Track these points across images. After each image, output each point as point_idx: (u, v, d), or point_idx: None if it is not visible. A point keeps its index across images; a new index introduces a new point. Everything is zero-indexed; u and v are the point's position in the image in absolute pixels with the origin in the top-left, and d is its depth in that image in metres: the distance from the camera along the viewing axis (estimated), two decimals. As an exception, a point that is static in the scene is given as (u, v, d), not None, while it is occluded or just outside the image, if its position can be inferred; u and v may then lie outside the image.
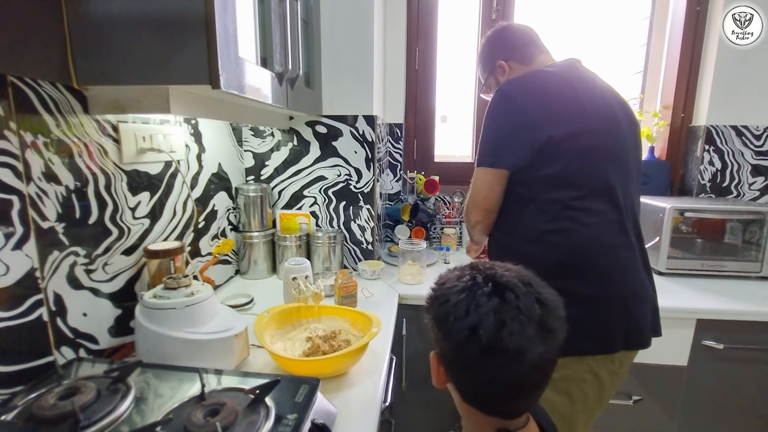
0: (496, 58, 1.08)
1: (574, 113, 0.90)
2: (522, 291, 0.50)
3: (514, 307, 0.48)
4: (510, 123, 0.91)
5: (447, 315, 0.51)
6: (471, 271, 0.55)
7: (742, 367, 1.26)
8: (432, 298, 0.56)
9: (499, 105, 0.93)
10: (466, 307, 0.50)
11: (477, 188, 0.96)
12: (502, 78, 1.07)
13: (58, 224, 0.71)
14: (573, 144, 0.88)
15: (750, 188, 1.67)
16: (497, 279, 0.52)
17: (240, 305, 1.10)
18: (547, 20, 1.80)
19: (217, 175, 1.25)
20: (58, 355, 0.71)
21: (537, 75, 0.95)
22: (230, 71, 0.69)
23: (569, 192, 0.88)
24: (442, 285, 0.56)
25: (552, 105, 0.90)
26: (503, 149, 0.92)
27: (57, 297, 0.71)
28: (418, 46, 1.76)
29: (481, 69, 1.14)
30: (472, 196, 0.98)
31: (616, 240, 0.91)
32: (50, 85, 0.69)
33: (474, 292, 0.51)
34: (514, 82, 0.94)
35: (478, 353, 0.48)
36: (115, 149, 0.84)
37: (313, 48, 1.27)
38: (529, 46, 1.06)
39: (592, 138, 0.89)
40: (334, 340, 0.84)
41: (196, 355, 0.74)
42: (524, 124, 0.89)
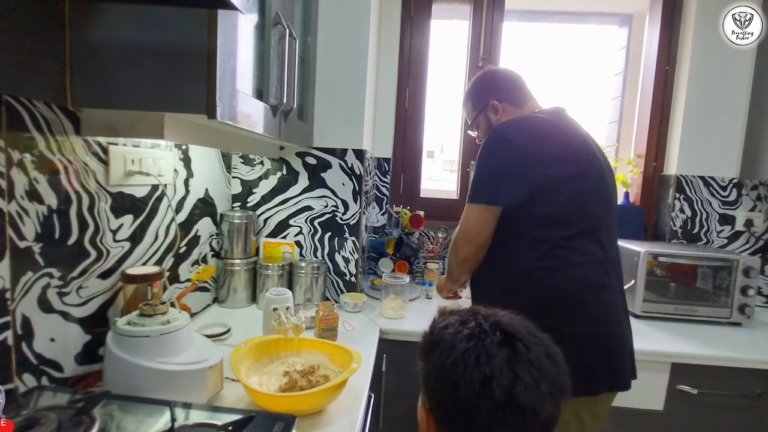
0: (489, 97, 1.11)
1: (568, 157, 0.94)
2: (531, 342, 0.47)
3: (526, 360, 0.45)
4: (508, 162, 0.93)
5: (455, 364, 0.46)
6: (474, 316, 0.51)
7: (717, 412, 1.27)
8: (431, 344, 0.51)
9: (496, 144, 0.96)
10: (476, 356, 0.45)
11: (470, 224, 0.96)
12: (494, 117, 1.10)
13: (36, 244, 0.69)
14: (566, 186, 0.91)
15: (718, 236, 1.75)
16: (505, 327, 0.48)
17: (216, 335, 1.06)
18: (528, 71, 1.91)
19: (203, 200, 1.24)
20: (19, 382, 0.67)
21: (532, 119, 0.99)
22: (226, 102, 0.71)
23: (559, 231, 0.91)
24: (443, 329, 0.51)
25: (548, 148, 0.94)
26: (500, 187, 0.94)
27: (25, 320, 0.68)
28: (409, 86, 1.84)
29: (471, 106, 1.16)
30: (464, 232, 0.98)
31: (602, 281, 0.94)
32: (44, 106, 0.69)
33: (483, 340, 0.47)
34: (510, 125, 0.97)
35: (489, 409, 0.43)
36: (103, 171, 0.83)
37: (308, 83, 1.32)
38: (521, 90, 1.11)
39: (582, 182, 0.93)
40: (312, 375, 0.82)
41: (168, 386, 0.71)
42: (522, 163, 0.92)
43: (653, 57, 1.84)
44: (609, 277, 0.95)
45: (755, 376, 1.24)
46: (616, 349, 0.93)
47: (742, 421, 1.27)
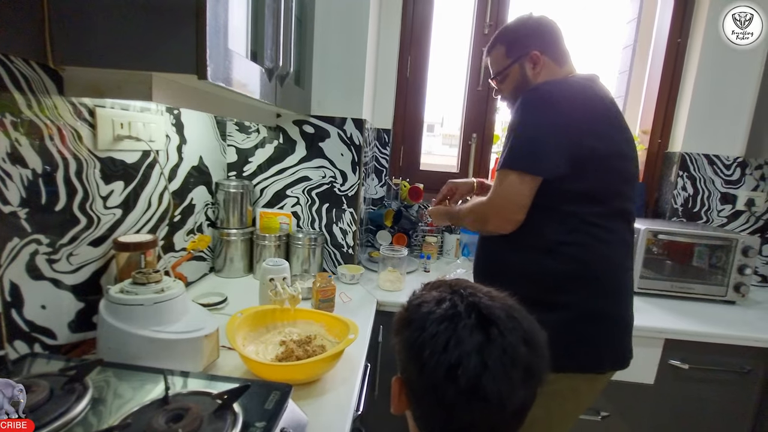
0: (531, 45, 0.95)
1: (612, 133, 0.87)
2: (507, 327, 0.45)
3: (499, 347, 0.43)
4: (554, 126, 0.83)
5: (422, 346, 0.45)
6: (452, 295, 0.49)
7: (706, 387, 1.30)
8: (404, 321, 0.50)
9: (541, 104, 0.85)
10: (445, 340, 0.44)
11: (508, 195, 0.85)
12: (530, 71, 0.96)
13: (21, 209, 0.66)
14: (609, 163, 0.85)
15: (719, 215, 1.74)
16: (482, 309, 0.46)
17: (212, 304, 1.06)
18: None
19: (198, 169, 1.21)
20: (10, 349, 0.66)
21: (580, 84, 0.89)
22: (218, 62, 0.66)
23: (591, 208, 0.85)
24: (417, 307, 0.49)
25: (596, 119, 0.85)
26: (544, 154, 0.83)
27: (14, 287, 0.66)
28: (411, 55, 1.77)
29: (505, 51, 0.99)
30: (499, 205, 0.87)
31: (625, 262, 0.91)
32: (23, 62, 0.65)
33: (456, 323, 0.45)
34: (558, 86, 0.87)
35: (454, 395, 0.43)
36: (90, 134, 0.80)
37: (305, 46, 1.26)
38: (564, 46, 0.97)
39: (623, 160, 0.88)
40: (308, 345, 0.81)
41: (162, 355, 0.70)
42: (570, 131, 0.83)
43: (665, 29, 1.77)
44: (630, 260, 0.93)
45: (746, 353, 1.26)
46: (626, 329, 0.93)
47: (731, 397, 1.30)
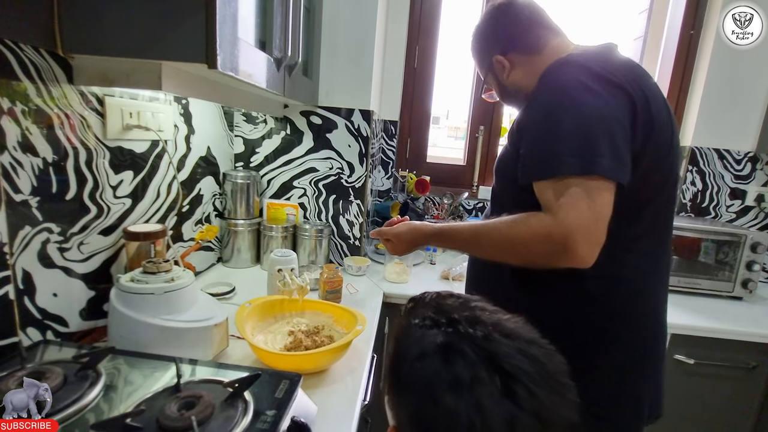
0: (491, 50, 0.82)
1: (666, 118, 0.68)
2: (536, 379, 0.35)
3: (530, 414, 0.34)
4: (613, 110, 0.62)
5: (435, 423, 0.36)
6: (459, 339, 0.38)
7: (711, 382, 1.30)
8: (403, 381, 0.40)
9: (586, 85, 0.63)
10: (468, 421, 0.34)
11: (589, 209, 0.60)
12: (503, 78, 0.83)
13: (32, 198, 0.67)
14: (668, 166, 0.68)
15: (727, 210, 1.72)
16: (504, 365, 0.36)
17: (221, 294, 1.07)
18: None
19: (205, 159, 1.21)
20: (24, 336, 0.67)
21: (618, 56, 0.71)
22: (228, 51, 0.66)
23: (625, 228, 0.66)
24: (417, 362, 0.38)
25: (656, 104, 0.66)
26: (618, 148, 0.62)
27: (26, 275, 0.67)
28: (419, 45, 1.75)
29: (478, 64, 0.90)
30: (589, 222, 0.60)
31: (661, 291, 0.76)
32: (33, 50, 0.65)
33: (475, 389, 0.35)
34: (592, 57, 0.68)
35: None
36: (100, 124, 0.79)
37: (313, 36, 1.24)
38: (535, 28, 0.79)
39: (675, 158, 0.71)
40: (317, 335, 0.82)
41: (173, 343, 0.71)
42: (625, 118, 0.63)
43: (678, 20, 1.73)
44: (666, 284, 0.78)
45: (752, 348, 1.25)
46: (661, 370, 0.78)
47: (735, 392, 1.30)
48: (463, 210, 1.80)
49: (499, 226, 0.68)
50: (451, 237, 0.77)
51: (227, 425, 0.51)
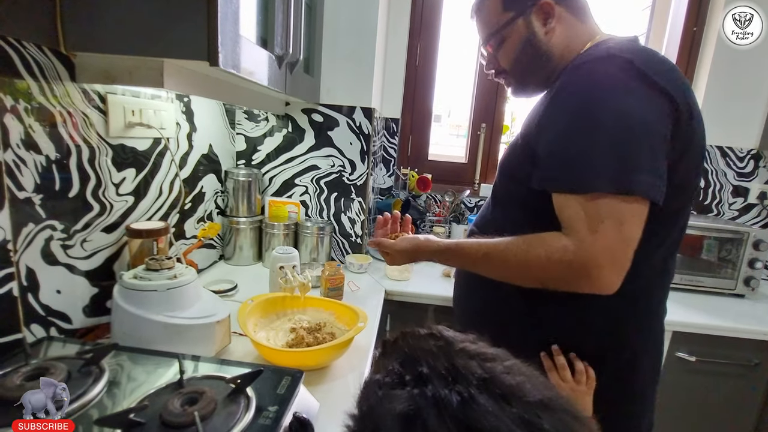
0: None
1: (703, 141, 0.62)
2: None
3: None
4: (658, 120, 0.55)
5: None
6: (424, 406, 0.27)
7: (713, 380, 1.29)
8: None
9: (629, 86, 0.55)
10: None
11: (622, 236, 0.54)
12: (540, 29, 0.67)
13: (36, 195, 0.67)
14: (694, 186, 0.64)
15: (730, 208, 1.72)
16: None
17: (223, 291, 1.07)
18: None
19: (207, 157, 1.21)
20: (28, 332, 0.68)
21: (660, 55, 0.61)
22: (229, 49, 0.66)
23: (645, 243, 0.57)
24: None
25: (698, 118, 0.59)
26: (654, 164, 0.55)
27: (29, 271, 0.67)
28: (420, 42, 1.74)
29: (501, 3, 0.70)
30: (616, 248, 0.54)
31: (664, 302, 0.72)
32: (36, 48, 0.65)
33: None
34: (642, 53, 0.58)
35: None
36: (102, 121, 0.80)
37: (314, 33, 1.24)
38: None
39: (700, 177, 0.67)
40: (318, 332, 0.82)
41: (176, 340, 0.72)
42: (668, 130, 0.55)
43: (681, 16, 1.72)
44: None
45: (754, 346, 1.25)
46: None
47: (737, 389, 1.30)
48: (464, 207, 1.80)
49: (514, 247, 0.61)
50: (457, 256, 0.71)
51: (229, 421, 0.51)
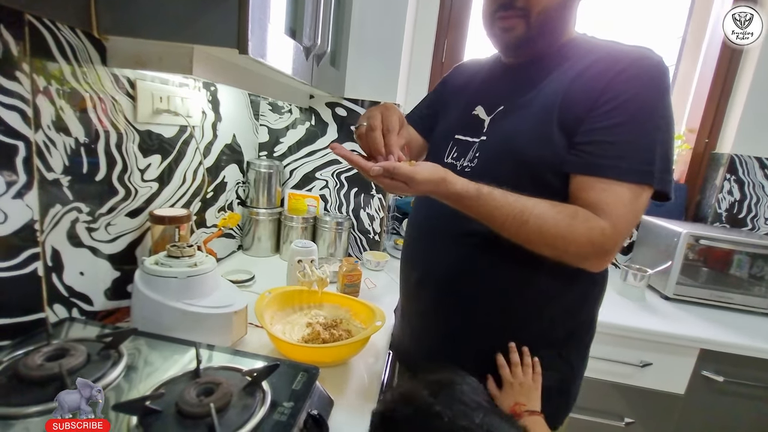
0: None
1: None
2: None
3: None
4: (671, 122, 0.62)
5: None
6: None
7: (740, 402, 1.23)
8: None
9: (665, 88, 0.61)
10: None
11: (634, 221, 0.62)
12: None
13: (64, 177, 0.68)
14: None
15: (766, 223, 1.64)
16: None
17: (241, 281, 1.07)
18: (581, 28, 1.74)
19: (231, 147, 1.21)
20: (50, 312, 0.68)
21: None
22: (259, 37, 0.65)
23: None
24: None
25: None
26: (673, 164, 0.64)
27: (55, 252, 0.68)
28: (447, 39, 1.71)
29: None
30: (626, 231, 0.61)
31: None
32: (69, 30, 0.65)
33: None
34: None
35: None
36: (131, 107, 0.80)
37: (342, 26, 1.23)
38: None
39: None
40: (335, 328, 0.81)
41: (194, 328, 0.71)
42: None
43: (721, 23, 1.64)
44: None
45: (787, 369, 1.19)
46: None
47: (764, 413, 1.24)
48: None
49: (553, 216, 0.60)
50: (488, 204, 0.60)
51: (245, 414, 0.50)
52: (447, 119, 0.83)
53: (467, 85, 0.84)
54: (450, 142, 0.77)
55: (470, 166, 0.72)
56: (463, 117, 0.77)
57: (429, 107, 0.91)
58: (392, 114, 0.67)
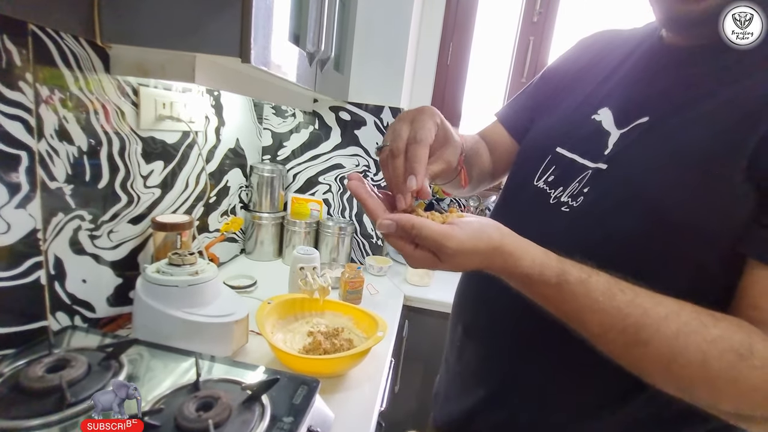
0: None
1: None
2: None
3: None
4: None
5: None
6: None
7: None
8: None
9: None
10: None
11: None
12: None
13: (67, 185, 0.68)
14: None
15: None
16: None
17: (242, 287, 1.07)
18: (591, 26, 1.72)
19: (234, 151, 1.21)
20: (53, 320, 0.69)
21: None
22: (261, 46, 0.65)
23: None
24: None
25: None
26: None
27: (57, 260, 0.68)
28: (453, 41, 1.70)
29: None
30: None
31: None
32: (72, 39, 0.65)
33: None
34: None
35: None
36: (134, 113, 0.80)
37: (346, 31, 1.22)
38: None
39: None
40: (336, 338, 0.80)
41: (194, 337, 0.71)
42: None
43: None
44: None
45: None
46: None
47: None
48: (489, 213, 1.75)
49: (705, 344, 0.35)
50: (576, 300, 0.38)
51: (244, 429, 0.50)
52: (549, 118, 0.57)
53: (594, 67, 0.55)
54: (547, 157, 0.52)
55: (570, 205, 0.47)
56: (575, 120, 0.52)
57: (532, 97, 0.64)
58: (426, 119, 0.44)
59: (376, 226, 0.39)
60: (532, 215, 0.52)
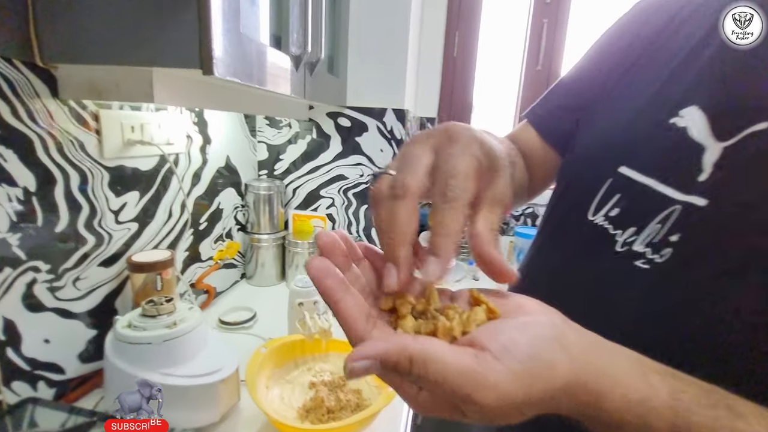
0: None
1: None
2: None
3: None
4: None
5: None
6: None
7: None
8: None
9: None
10: None
11: None
12: None
13: (12, 235, 0.57)
14: None
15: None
16: None
17: (239, 323, 0.96)
18: (607, 11, 1.55)
19: (226, 169, 1.10)
20: (8, 392, 0.59)
21: None
22: (227, 52, 0.53)
23: None
24: None
25: None
26: None
27: (8, 324, 0.58)
28: (459, 30, 1.56)
29: None
30: None
31: None
32: (4, 63, 0.54)
33: None
34: None
35: None
36: (94, 141, 0.69)
37: (339, 27, 1.10)
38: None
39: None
40: (341, 389, 0.69)
41: (173, 403, 0.60)
42: None
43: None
44: None
45: None
46: None
47: None
48: (509, 216, 1.60)
49: None
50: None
51: None
52: (603, 122, 0.41)
53: (668, 42, 0.38)
54: (606, 180, 0.36)
55: (650, 259, 0.32)
56: (642, 126, 0.36)
57: (574, 91, 0.48)
58: (459, 152, 0.27)
59: (344, 364, 0.22)
60: (586, 267, 0.35)
